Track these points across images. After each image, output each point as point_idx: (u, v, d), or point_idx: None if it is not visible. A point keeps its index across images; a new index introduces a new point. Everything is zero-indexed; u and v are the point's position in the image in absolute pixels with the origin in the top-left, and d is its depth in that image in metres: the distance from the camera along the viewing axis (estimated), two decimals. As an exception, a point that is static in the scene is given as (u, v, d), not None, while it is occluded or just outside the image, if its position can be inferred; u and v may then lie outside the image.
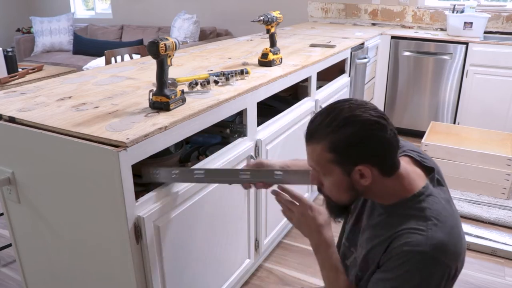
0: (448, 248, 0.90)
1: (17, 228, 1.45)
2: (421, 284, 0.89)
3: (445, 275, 0.90)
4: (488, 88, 3.22)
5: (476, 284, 1.88)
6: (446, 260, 0.89)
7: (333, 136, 0.90)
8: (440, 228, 0.91)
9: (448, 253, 0.90)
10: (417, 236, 0.89)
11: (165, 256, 1.25)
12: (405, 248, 0.90)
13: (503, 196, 2.54)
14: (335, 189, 0.98)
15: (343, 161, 0.91)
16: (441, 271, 0.89)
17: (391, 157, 0.92)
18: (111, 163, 1.04)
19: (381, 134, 0.89)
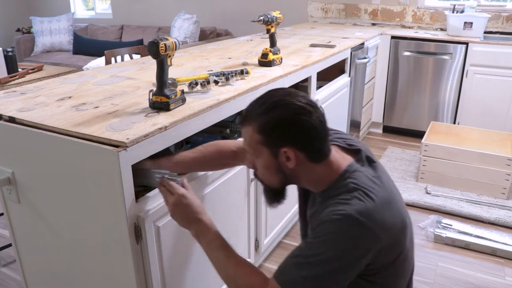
0: (373, 215, 0.91)
1: (17, 228, 1.45)
2: (348, 247, 0.90)
3: (374, 243, 0.91)
4: (488, 88, 3.22)
5: (476, 284, 1.88)
6: (371, 226, 0.90)
7: (262, 118, 0.97)
8: (366, 197, 0.94)
9: (373, 220, 0.91)
10: (343, 205, 0.93)
11: (165, 256, 1.25)
12: (330, 216, 0.92)
13: (503, 196, 2.54)
14: (266, 171, 1.02)
15: (270, 143, 0.97)
16: (368, 236, 0.91)
17: (317, 143, 0.98)
18: (111, 163, 1.04)
19: (306, 118, 0.95)
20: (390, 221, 0.94)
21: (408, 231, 1.02)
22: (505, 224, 2.29)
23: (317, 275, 0.90)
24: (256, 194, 1.75)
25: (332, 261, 0.90)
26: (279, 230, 2.04)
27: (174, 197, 1.09)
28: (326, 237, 0.91)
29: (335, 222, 0.91)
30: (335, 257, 0.90)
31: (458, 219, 2.37)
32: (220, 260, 1.05)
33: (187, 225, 1.09)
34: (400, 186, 2.73)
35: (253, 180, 1.67)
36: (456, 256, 2.07)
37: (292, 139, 0.96)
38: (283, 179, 1.03)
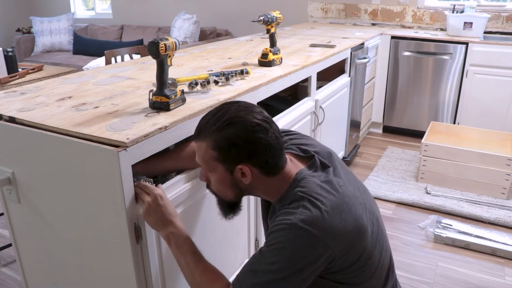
0: (319, 223, 0.91)
1: (17, 228, 1.45)
2: (295, 256, 0.91)
3: (322, 250, 0.92)
4: (488, 88, 3.22)
5: (476, 284, 1.88)
6: (317, 233, 0.91)
7: (217, 135, 0.96)
8: (311, 206, 0.93)
9: (320, 228, 0.91)
10: (289, 215, 0.94)
11: (165, 256, 1.25)
12: (277, 225, 0.94)
13: (503, 196, 2.54)
14: (220, 185, 1.03)
15: (225, 159, 0.97)
16: (314, 244, 0.91)
17: (272, 158, 0.98)
18: (111, 163, 1.04)
19: (262, 135, 0.95)
20: (339, 227, 0.93)
21: (368, 234, 1.00)
22: (505, 224, 2.29)
23: (269, 282, 0.92)
24: (256, 194, 1.75)
25: (282, 270, 0.91)
26: (279, 230, 2.04)
27: (151, 196, 1.07)
28: (275, 246, 0.93)
29: (281, 231, 0.92)
30: (284, 266, 0.91)
31: (458, 219, 2.37)
32: (189, 264, 1.06)
33: (160, 226, 1.08)
34: (400, 186, 2.73)
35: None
36: (456, 256, 2.08)
37: (248, 157, 0.96)
38: (238, 193, 1.05)
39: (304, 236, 0.91)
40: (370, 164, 3.08)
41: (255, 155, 0.96)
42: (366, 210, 1.03)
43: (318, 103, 2.23)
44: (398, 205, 2.55)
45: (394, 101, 3.61)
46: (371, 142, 3.54)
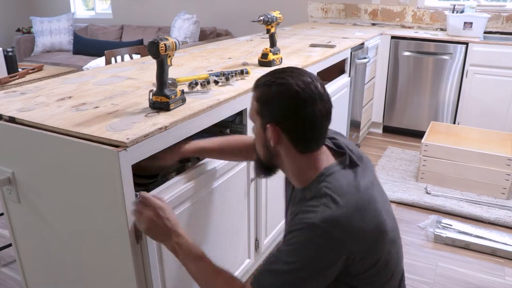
0: (340, 223, 0.90)
1: (17, 228, 1.45)
2: (314, 256, 0.90)
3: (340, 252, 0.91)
4: (488, 88, 3.22)
5: (476, 284, 1.88)
6: (337, 235, 0.90)
7: (263, 89, 0.99)
8: (336, 204, 0.92)
9: (340, 228, 0.90)
10: (310, 213, 0.92)
11: (165, 256, 1.25)
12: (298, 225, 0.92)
13: (503, 196, 2.54)
14: (257, 139, 1.05)
15: (263, 114, 0.99)
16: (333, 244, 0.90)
17: (304, 132, 0.96)
18: (111, 163, 1.04)
19: (301, 104, 0.94)
20: (360, 229, 0.92)
21: (387, 238, 0.98)
22: (505, 224, 2.29)
23: (287, 282, 0.92)
24: (256, 194, 1.75)
25: (300, 270, 0.91)
26: (279, 230, 2.04)
27: (151, 210, 1.06)
28: (294, 246, 0.92)
29: (301, 231, 0.92)
30: (302, 266, 0.90)
31: (458, 219, 2.37)
32: (200, 270, 1.05)
33: (165, 238, 1.08)
34: (400, 186, 2.73)
35: (253, 180, 1.67)
36: (456, 256, 2.08)
37: (281, 118, 0.96)
38: (268, 155, 1.04)
39: (323, 236, 0.90)
40: (370, 164, 3.08)
41: (287, 120, 0.96)
42: (389, 216, 1.01)
43: None
44: (398, 205, 2.55)
45: (394, 101, 3.61)
46: (371, 142, 3.54)
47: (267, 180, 1.80)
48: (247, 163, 1.61)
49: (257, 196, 1.76)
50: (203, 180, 1.36)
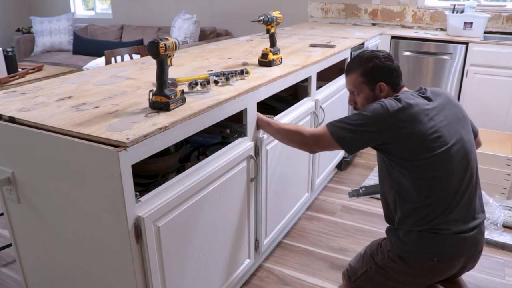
0: (393, 105, 1.42)
1: (17, 228, 1.45)
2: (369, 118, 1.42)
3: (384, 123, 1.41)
4: (488, 88, 3.22)
5: (476, 284, 1.88)
6: (391, 109, 1.41)
7: (362, 67, 1.56)
8: (398, 101, 1.43)
9: (393, 107, 1.41)
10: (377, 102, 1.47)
11: (165, 256, 1.25)
12: None
13: (503, 196, 2.54)
14: (365, 102, 1.57)
15: (369, 82, 1.55)
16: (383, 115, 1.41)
17: (396, 78, 1.56)
18: (111, 163, 1.04)
19: (389, 63, 1.55)
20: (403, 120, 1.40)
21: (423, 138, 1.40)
22: (505, 224, 2.29)
23: (346, 129, 1.45)
24: (256, 194, 1.75)
25: (357, 124, 1.44)
26: (279, 230, 2.04)
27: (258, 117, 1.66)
28: (361, 113, 1.46)
29: (372, 104, 1.46)
30: (360, 122, 1.43)
31: (458, 219, 2.37)
32: (286, 131, 1.59)
33: (265, 125, 1.66)
34: (400, 186, 2.72)
35: (253, 180, 1.68)
36: (456, 256, 2.08)
37: (383, 77, 1.54)
38: None
39: (381, 108, 1.42)
40: (370, 164, 3.08)
41: (387, 76, 1.54)
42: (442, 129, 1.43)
43: (318, 103, 2.23)
44: (398, 205, 2.55)
45: (394, 101, 3.61)
46: (371, 142, 3.53)
47: (267, 180, 1.81)
48: (247, 163, 1.62)
49: (257, 196, 1.76)
50: (203, 180, 1.36)
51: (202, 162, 1.39)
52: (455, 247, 1.45)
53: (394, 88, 1.54)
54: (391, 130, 1.41)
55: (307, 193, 2.34)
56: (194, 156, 1.79)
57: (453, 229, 1.44)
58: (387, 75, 1.53)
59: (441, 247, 1.44)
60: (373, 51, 1.57)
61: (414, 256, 1.49)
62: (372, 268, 1.61)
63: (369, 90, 1.54)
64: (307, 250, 2.11)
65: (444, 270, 1.50)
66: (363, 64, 1.54)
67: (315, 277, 1.92)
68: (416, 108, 1.41)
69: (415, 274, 1.52)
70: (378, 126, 1.41)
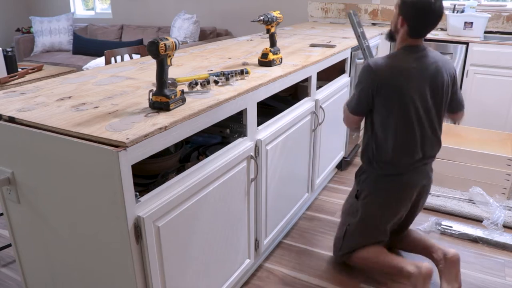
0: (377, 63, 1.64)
1: (17, 228, 1.45)
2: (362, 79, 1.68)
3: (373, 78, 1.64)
4: (488, 88, 3.22)
5: (476, 284, 1.88)
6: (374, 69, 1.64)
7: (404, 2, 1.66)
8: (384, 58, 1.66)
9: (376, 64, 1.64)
10: None
11: (165, 256, 1.24)
12: None
13: (503, 196, 2.54)
14: (393, 25, 1.73)
15: (400, 10, 1.65)
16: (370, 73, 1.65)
17: (420, 26, 1.63)
18: (111, 163, 1.04)
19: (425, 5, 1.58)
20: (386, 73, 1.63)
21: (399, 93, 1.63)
22: (505, 224, 2.29)
23: (354, 95, 1.74)
24: (256, 194, 1.75)
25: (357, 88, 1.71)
26: (279, 230, 2.04)
27: None
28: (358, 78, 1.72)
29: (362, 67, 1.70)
30: (358, 85, 1.70)
31: (458, 219, 2.37)
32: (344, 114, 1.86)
33: None
34: (400, 186, 2.72)
35: (253, 180, 1.67)
36: (456, 256, 2.07)
37: (406, 13, 1.63)
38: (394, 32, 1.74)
39: (367, 68, 1.66)
40: (370, 164, 3.08)
41: (410, 15, 1.62)
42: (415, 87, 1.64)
43: (318, 103, 2.23)
44: (398, 205, 2.55)
45: (394, 101, 3.61)
46: (371, 142, 3.53)
47: (267, 180, 1.80)
48: (247, 163, 1.61)
49: (257, 196, 1.76)
50: (203, 180, 1.36)
51: (202, 162, 1.39)
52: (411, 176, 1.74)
53: (411, 32, 1.65)
54: (374, 82, 1.64)
55: (307, 193, 2.34)
56: (194, 156, 1.79)
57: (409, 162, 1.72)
58: (412, 16, 1.61)
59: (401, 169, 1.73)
60: None
61: (379, 185, 1.77)
62: (351, 224, 1.86)
63: (397, 15, 1.68)
64: (307, 250, 2.11)
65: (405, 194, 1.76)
66: None
67: (315, 277, 1.92)
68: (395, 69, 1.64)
69: (383, 204, 1.79)
70: (365, 82, 1.67)
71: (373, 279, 1.91)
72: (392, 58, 1.66)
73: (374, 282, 1.89)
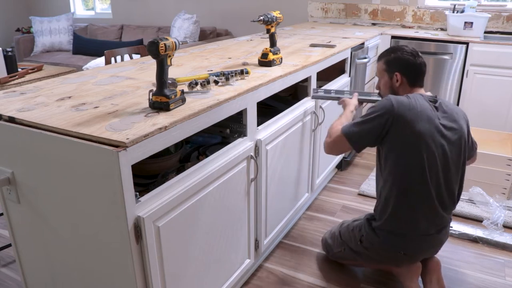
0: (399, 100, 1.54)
1: (17, 228, 1.45)
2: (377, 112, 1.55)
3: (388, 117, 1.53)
4: (488, 88, 3.22)
5: (476, 284, 1.88)
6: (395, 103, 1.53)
7: (386, 56, 1.72)
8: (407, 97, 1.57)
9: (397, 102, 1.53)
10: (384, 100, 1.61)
11: (165, 256, 1.24)
12: None
13: (503, 196, 2.54)
14: (384, 87, 1.74)
15: (389, 69, 1.71)
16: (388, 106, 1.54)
17: (414, 73, 1.67)
18: (111, 163, 1.04)
19: (410, 58, 1.66)
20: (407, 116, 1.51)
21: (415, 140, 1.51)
22: (505, 224, 2.29)
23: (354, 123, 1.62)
24: (256, 194, 1.75)
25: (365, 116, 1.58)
26: (279, 230, 2.04)
27: None
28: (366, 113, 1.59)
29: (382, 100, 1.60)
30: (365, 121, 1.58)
31: (458, 219, 2.37)
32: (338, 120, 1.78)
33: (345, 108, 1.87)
34: (400, 186, 2.72)
35: (253, 180, 1.67)
36: (456, 256, 2.07)
37: (401, 69, 1.67)
38: (391, 93, 1.71)
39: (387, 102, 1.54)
40: (370, 164, 3.08)
41: (404, 68, 1.66)
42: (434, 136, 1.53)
43: (319, 103, 2.23)
44: (398, 205, 2.55)
45: (394, 101, 3.61)
46: (371, 142, 3.53)
47: (267, 180, 1.80)
48: (247, 163, 1.61)
49: (257, 196, 1.76)
50: (203, 180, 1.36)
51: (202, 162, 1.39)
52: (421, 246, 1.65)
53: (409, 82, 1.67)
54: (392, 122, 1.52)
55: (307, 193, 2.34)
56: (194, 156, 1.79)
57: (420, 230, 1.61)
58: (404, 67, 1.66)
59: (408, 244, 1.63)
60: (402, 46, 1.73)
61: (384, 248, 1.67)
62: (346, 249, 1.86)
63: (388, 78, 1.71)
64: (307, 250, 2.11)
65: (408, 261, 1.71)
66: (388, 54, 1.72)
67: (315, 277, 1.92)
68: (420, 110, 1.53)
69: (384, 261, 1.77)
70: (380, 117, 1.53)
71: (373, 279, 1.91)
72: None
73: (374, 282, 1.90)
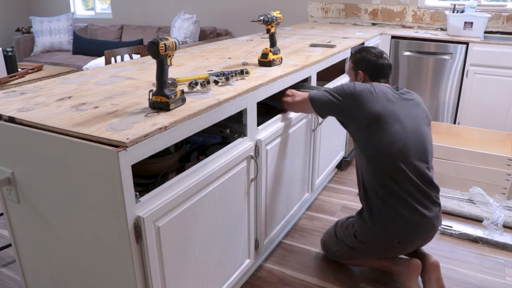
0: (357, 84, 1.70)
1: (17, 228, 1.45)
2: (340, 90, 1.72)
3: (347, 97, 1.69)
4: (488, 88, 3.22)
5: (476, 284, 1.88)
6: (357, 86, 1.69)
7: (354, 56, 1.88)
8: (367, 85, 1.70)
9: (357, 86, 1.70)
10: None
11: (165, 256, 1.24)
12: None
13: (503, 196, 2.54)
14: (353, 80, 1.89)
15: (355, 68, 1.87)
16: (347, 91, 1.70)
17: (376, 73, 1.81)
18: (111, 163, 1.04)
19: (372, 58, 1.82)
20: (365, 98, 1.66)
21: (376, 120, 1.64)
22: (505, 224, 2.29)
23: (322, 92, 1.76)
24: (256, 194, 1.75)
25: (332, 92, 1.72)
26: (279, 230, 2.04)
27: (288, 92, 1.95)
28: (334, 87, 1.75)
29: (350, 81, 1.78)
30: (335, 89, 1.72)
31: (458, 219, 2.37)
32: None
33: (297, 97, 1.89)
34: (400, 186, 2.72)
35: (253, 180, 1.67)
36: (456, 256, 2.07)
37: (364, 67, 1.83)
38: None
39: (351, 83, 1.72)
40: (370, 164, 3.08)
41: (367, 67, 1.82)
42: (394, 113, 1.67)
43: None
44: (398, 205, 2.55)
45: (394, 101, 3.60)
46: (371, 142, 3.53)
47: (267, 180, 1.80)
48: (247, 163, 1.61)
49: (257, 196, 1.76)
50: (203, 180, 1.36)
51: (202, 162, 1.39)
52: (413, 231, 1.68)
53: (372, 79, 1.81)
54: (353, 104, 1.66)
55: (307, 193, 2.34)
56: (194, 156, 1.79)
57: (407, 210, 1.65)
58: (367, 67, 1.82)
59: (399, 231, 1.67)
60: (368, 47, 1.88)
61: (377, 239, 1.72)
62: (343, 247, 1.89)
63: (354, 75, 1.87)
64: (307, 250, 2.11)
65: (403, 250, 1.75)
66: (355, 54, 1.88)
67: (315, 277, 1.92)
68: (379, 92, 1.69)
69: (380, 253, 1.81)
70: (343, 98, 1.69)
71: (373, 279, 1.91)
72: None
73: (375, 282, 1.90)
